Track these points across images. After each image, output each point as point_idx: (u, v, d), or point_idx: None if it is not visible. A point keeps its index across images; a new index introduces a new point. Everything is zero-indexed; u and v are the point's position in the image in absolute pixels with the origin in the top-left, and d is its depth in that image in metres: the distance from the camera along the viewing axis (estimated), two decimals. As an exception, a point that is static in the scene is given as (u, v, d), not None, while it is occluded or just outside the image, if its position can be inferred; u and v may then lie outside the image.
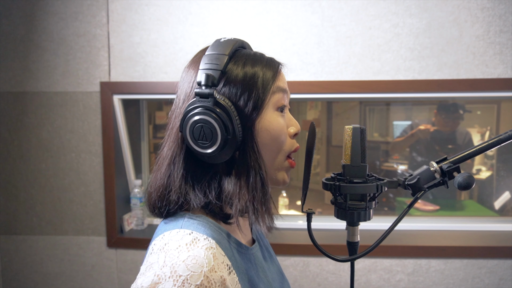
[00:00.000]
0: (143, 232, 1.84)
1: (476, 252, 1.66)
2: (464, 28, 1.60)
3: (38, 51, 1.73)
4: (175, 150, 0.62)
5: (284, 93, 0.64)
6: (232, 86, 0.59)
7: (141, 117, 1.99)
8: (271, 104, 0.62)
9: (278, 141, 0.63)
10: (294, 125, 0.67)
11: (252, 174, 0.59)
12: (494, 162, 2.35)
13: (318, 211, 2.39)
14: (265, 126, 0.61)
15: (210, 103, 0.57)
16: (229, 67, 0.60)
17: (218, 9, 1.65)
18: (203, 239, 0.55)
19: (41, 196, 1.80)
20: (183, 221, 0.60)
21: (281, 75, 0.65)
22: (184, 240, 0.54)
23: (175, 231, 0.57)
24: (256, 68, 0.62)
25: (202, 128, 0.57)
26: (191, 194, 0.60)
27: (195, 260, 0.51)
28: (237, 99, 0.59)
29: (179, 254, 0.52)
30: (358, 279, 1.72)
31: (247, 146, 0.60)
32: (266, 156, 0.63)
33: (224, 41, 0.62)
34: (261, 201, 0.60)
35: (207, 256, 0.52)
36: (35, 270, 1.85)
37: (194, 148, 0.59)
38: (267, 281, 0.67)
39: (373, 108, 2.72)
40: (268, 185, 0.61)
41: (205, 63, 0.59)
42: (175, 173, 0.61)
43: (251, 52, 0.65)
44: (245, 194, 0.60)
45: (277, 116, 0.63)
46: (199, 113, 0.57)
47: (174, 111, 0.64)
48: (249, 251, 0.66)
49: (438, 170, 0.61)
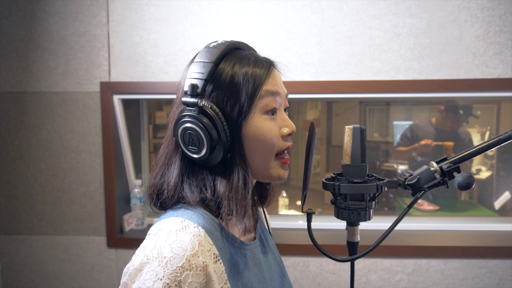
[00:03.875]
0: (143, 232, 1.84)
1: (476, 252, 1.66)
2: (464, 28, 1.60)
3: (38, 51, 1.73)
4: (171, 150, 0.66)
5: (275, 95, 0.64)
6: (219, 91, 0.61)
7: (141, 117, 1.99)
8: (258, 108, 0.62)
9: (268, 144, 0.63)
10: (288, 126, 0.66)
11: (236, 177, 0.61)
12: (494, 162, 2.35)
13: (318, 211, 2.39)
14: (252, 131, 0.62)
15: (195, 112, 0.59)
16: (218, 71, 0.61)
17: (218, 9, 1.65)
18: (193, 227, 0.58)
19: (41, 196, 1.80)
20: (180, 210, 0.63)
21: (272, 77, 0.64)
22: (175, 227, 0.58)
23: (170, 219, 0.61)
24: (244, 70, 0.62)
25: (190, 135, 0.60)
26: (187, 192, 0.63)
27: (180, 244, 0.55)
28: (224, 104, 0.61)
29: (167, 238, 0.56)
30: (358, 279, 1.72)
31: (234, 149, 0.62)
32: (256, 159, 0.64)
33: (212, 47, 0.63)
34: (242, 204, 0.61)
35: (192, 241, 0.56)
36: (35, 270, 1.85)
37: (186, 153, 0.62)
38: (262, 278, 0.67)
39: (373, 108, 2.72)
40: (249, 190, 0.62)
41: (192, 71, 0.61)
42: (171, 172, 0.65)
43: (243, 54, 0.64)
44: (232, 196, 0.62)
45: (265, 120, 0.63)
46: (186, 121, 0.60)
47: (172, 114, 0.67)
48: (245, 246, 0.67)
49: (438, 170, 0.61)
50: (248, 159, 0.63)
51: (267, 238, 0.79)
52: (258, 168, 0.65)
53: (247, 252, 0.67)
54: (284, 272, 0.78)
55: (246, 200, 0.62)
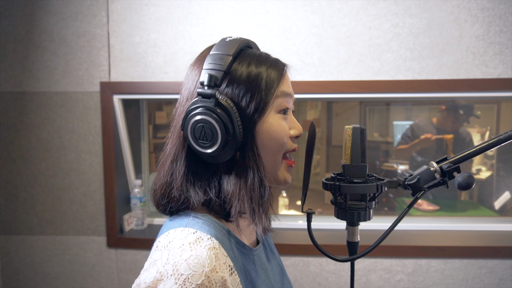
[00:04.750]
0: (143, 232, 1.84)
1: (476, 252, 1.66)
2: (464, 28, 1.60)
3: (38, 51, 1.73)
4: (177, 147, 0.62)
5: (288, 97, 0.64)
6: (235, 87, 0.59)
7: (141, 117, 1.99)
8: (273, 107, 0.62)
9: (279, 143, 0.63)
10: (296, 128, 0.67)
11: (251, 175, 0.60)
12: (494, 162, 2.35)
13: (318, 211, 2.39)
14: (267, 129, 0.61)
15: (211, 104, 0.57)
16: (234, 67, 0.60)
17: (218, 9, 1.65)
18: (207, 239, 0.56)
19: (41, 196, 1.80)
20: (188, 219, 0.60)
21: (285, 78, 0.65)
22: (187, 239, 0.55)
23: (180, 230, 0.58)
24: (260, 69, 0.61)
25: (203, 128, 0.57)
26: (191, 192, 0.60)
27: (197, 260, 0.51)
28: (240, 100, 0.59)
29: (182, 253, 0.52)
30: (358, 279, 1.72)
31: (247, 147, 0.60)
32: (266, 157, 0.62)
33: (229, 41, 0.62)
34: (259, 203, 0.60)
35: (209, 256, 0.53)
36: (35, 270, 1.85)
37: (195, 147, 0.59)
38: (269, 283, 0.67)
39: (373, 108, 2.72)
40: (266, 187, 0.61)
41: (209, 63, 0.59)
42: (177, 171, 0.61)
43: (257, 52, 0.65)
44: (244, 195, 0.60)
45: (279, 119, 0.63)
46: (200, 113, 0.57)
47: (178, 109, 0.64)
48: (253, 252, 0.66)
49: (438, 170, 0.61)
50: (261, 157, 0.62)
51: (267, 238, 0.79)
52: (267, 168, 0.63)
53: (254, 258, 0.66)
54: (284, 271, 0.78)
55: (263, 198, 0.61)
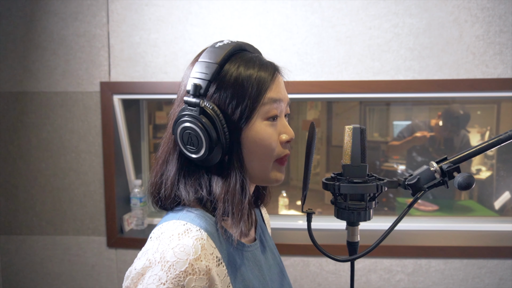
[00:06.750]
0: (143, 232, 1.84)
1: (476, 252, 1.66)
2: (464, 28, 1.60)
3: (38, 51, 1.73)
4: (169, 149, 0.66)
5: (277, 103, 0.63)
6: (222, 92, 0.60)
7: (141, 117, 1.99)
8: (260, 114, 0.62)
9: (267, 150, 0.63)
10: (288, 133, 0.66)
11: (233, 181, 0.61)
12: (494, 162, 2.35)
13: (318, 211, 2.39)
14: (253, 136, 0.62)
15: (196, 112, 0.59)
16: (222, 73, 0.61)
17: (218, 9, 1.65)
18: (195, 230, 0.58)
19: (41, 196, 1.80)
20: (182, 213, 0.63)
21: (276, 83, 0.64)
22: (177, 230, 0.58)
23: (172, 222, 0.61)
24: (248, 76, 0.61)
25: (189, 135, 0.60)
26: (182, 190, 0.63)
27: (183, 248, 0.55)
28: (226, 106, 0.60)
29: (170, 242, 0.56)
30: (358, 279, 1.72)
31: (233, 152, 0.62)
32: (254, 163, 0.63)
33: (218, 47, 0.62)
34: (238, 207, 0.61)
35: (195, 245, 0.56)
36: (35, 270, 1.85)
37: (183, 152, 0.62)
38: (263, 280, 0.67)
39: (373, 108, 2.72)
40: (247, 194, 0.62)
41: (196, 71, 0.61)
42: (168, 171, 0.64)
43: (248, 56, 0.64)
44: (228, 198, 0.61)
45: (266, 126, 0.63)
46: (186, 121, 0.60)
47: (172, 112, 0.66)
48: (246, 248, 0.67)
49: (438, 170, 0.61)
50: (246, 163, 0.63)
51: (267, 238, 0.79)
52: (256, 173, 0.64)
53: (248, 254, 0.67)
54: (283, 272, 0.78)
55: (242, 204, 0.61)
